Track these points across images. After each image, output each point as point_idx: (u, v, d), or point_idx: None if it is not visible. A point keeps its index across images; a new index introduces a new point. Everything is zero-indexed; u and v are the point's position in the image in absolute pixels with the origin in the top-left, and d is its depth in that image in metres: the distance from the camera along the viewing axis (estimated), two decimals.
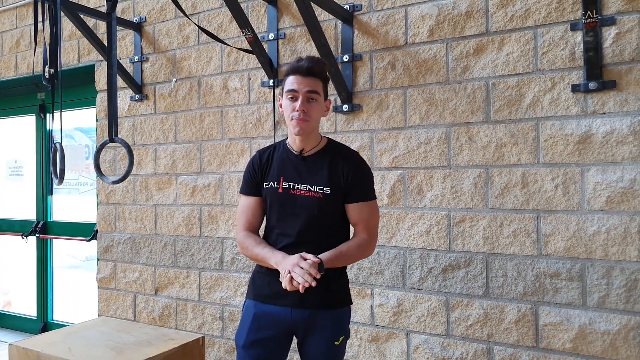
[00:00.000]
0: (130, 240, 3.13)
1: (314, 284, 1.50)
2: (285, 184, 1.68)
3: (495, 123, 2.09)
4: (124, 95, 3.16)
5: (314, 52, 2.49)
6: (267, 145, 1.93)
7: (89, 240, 3.45)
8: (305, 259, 1.55)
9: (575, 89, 1.93)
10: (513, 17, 2.05)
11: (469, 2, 2.13)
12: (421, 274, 2.23)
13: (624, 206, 1.86)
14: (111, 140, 2.07)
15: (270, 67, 2.56)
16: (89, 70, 3.34)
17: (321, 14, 2.48)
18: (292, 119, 1.64)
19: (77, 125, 3.77)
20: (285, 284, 1.54)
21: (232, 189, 2.76)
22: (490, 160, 2.10)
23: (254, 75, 2.70)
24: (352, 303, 1.75)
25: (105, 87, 3.22)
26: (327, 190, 1.65)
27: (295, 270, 1.53)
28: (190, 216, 2.91)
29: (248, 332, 1.69)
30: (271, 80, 2.60)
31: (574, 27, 1.93)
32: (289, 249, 1.65)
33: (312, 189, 1.65)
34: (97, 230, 3.31)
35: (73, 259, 3.89)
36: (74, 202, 3.82)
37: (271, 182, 1.72)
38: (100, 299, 3.27)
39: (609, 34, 1.88)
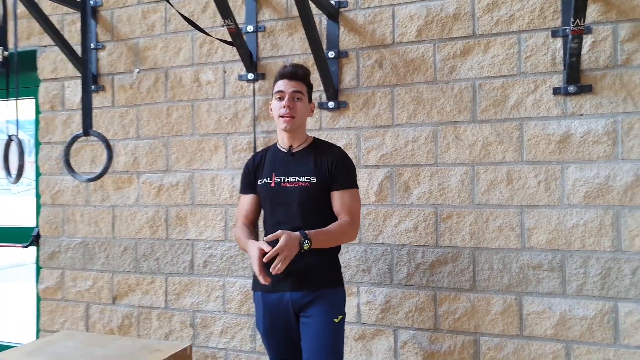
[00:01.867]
0: (82, 245, 2.87)
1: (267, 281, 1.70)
2: (276, 179, 1.88)
3: (481, 122, 2.18)
4: (75, 86, 2.89)
5: (297, 46, 2.45)
6: (258, 149, 2.01)
7: (27, 247, 3.11)
8: (260, 250, 1.70)
9: (556, 91, 2.07)
10: (498, 22, 2.16)
11: (457, 5, 2.21)
12: (409, 270, 2.27)
13: (599, 201, 2.02)
14: (86, 133, 1.88)
15: (250, 61, 2.48)
16: (29, 56, 3.01)
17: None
18: (280, 116, 1.86)
19: (10, 118, 3.38)
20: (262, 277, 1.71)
21: (205, 188, 2.62)
22: (476, 158, 2.18)
23: (229, 68, 2.59)
24: (343, 285, 1.90)
25: (52, 76, 2.93)
26: (313, 179, 1.83)
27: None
28: (155, 217, 2.72)
29: (263, 321, 1.87)
30: (250, 74, 2.51)
31: (554, 34, 2.07)
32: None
33: (300, 179, 1.84)
34: (37, 235, 2.99)
35: None
36: (5, 204, 3.43)
37: (264, 179, 1.91)
38: (43, 311, 2.95)
39: (585, 42, 2.04)
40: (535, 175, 2.10)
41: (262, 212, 1.97)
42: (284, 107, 1.84)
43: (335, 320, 1.80)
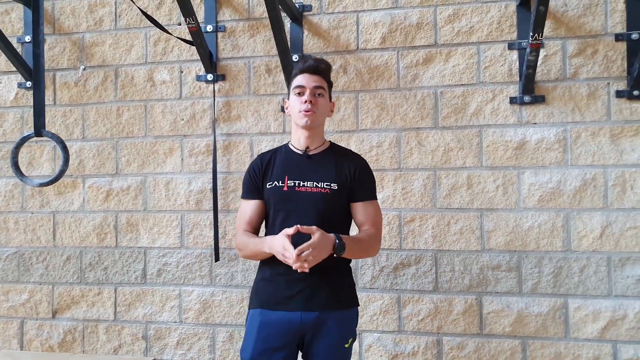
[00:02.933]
0: (17, 255, 2.62)
1: (306, 266, 1.46)
2: (290, 182, 1.64)
3: (443, 129, 2.25)
4: (9, 81, 2.65)
5: (259, 48, 2.41)
6: (267, 150, 1.91)
7: None
8: (288, 236, 1.50)
9: (512, 101, 2.19)
10: (459, 33, 2.24)
11: (420, 15, 2.27)
12: (373, 273, 2.29)
13: (551, 204, 2.16)
14: (37, 134, 1.73)
15: (210, 61, 2.39)
16: None
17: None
18: (299, 112, 1.64)
19: None
20: (295, 266, 1.48)
21: (159, 193, 2.49)
22: (438, 163, 2.25)
23: (186, 68, 2.49)
24: (359, 304, 1.72)
25: None
26: (334, 186, 1.63)
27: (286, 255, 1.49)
28: (103, 224, 2.54)
29: (255, 343, 1.59)
30: (209, 75, 2.42)
31: (511, 46, 2.19)
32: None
33: (319, 185, 1.63)
34: None
35: None
36: None
37: (275, 182, 1.66)
38: None
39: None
40: (494, 180, 2.20)
41: (268, 220, 1.71)
42: (305, 102, 1.62)
43: (346, 345, 1.62)
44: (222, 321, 2.42)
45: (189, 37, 2.34)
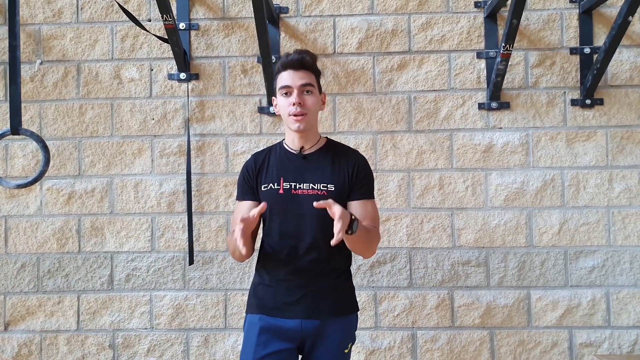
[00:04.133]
0: None
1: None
2: (286, 185, 1.60)
3: (416, 132, 2.35)
4: None
5: (235, 48, 2.39)
6: (262, 148, 1.78)
7: None
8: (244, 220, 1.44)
9: (480, 106, 2.33)
10: (432, 41, 2.35)
11: (395, 22, 2.36)
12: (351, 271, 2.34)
13: (516, 203, 2.32)
14: (14, 131, 1.61)
15: (184, 59, 2.33)
16: None
17: (242, 10, 2.39)
18: (289, 115, 1.58)
19: None
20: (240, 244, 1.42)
21: (127, 195, 2.39)
22: (412, 165, 2.35)
23: (157, 65, 2.41)
24: (359, 309, 1.74)
25: None
26: (331, 187, 1.59)
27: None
28: (64, 229, 2.40)
29: (255, 348, 1.56)
30: (182, 74, 2.36)
31: (479, 55, 2.33)
32: (294, 254, 1.59)
33: (316, 187, 1.58)
34: None
35: None
36: None
37: (270, 184, 1.62)
38: None
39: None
40: (464, 181, 2.33)
41: (264, 223, 1.67)
42: (294, 104, 1.54)
43: (346, 350, 1.63)
44: (197, 325, 2.36)
45: (160, 34, 2.28)
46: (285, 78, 1.58)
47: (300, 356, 1.65)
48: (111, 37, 2.42)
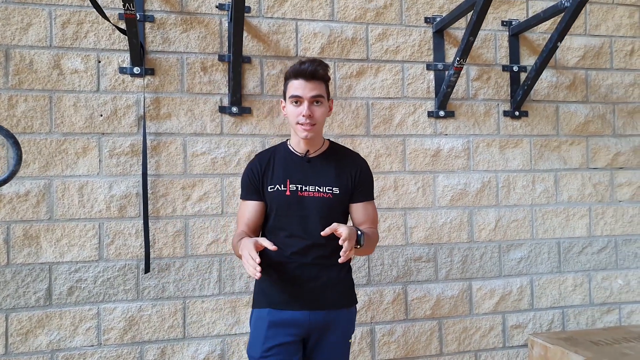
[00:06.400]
0: None
1: (257, 276, 1.40)
2: (292, 187, 1.65)
3: (374, 137, 2.47)
4: None
5: (193, 44, 2.30)
6: (266, 148, 1.86)
7: None
8: (259, 245, 1.48)
9: (430, 114, 2.53)
10: (387, 51, 2.49)
11: (354, 30, 2.45)
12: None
13: (459, 203, 2.56)
14: None
15: (141, 53, 2.18)
16: None
17: (202, 6, 2.30)
18: (297, 124, 1.63)
19: None
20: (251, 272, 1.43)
21: (69, 199, 2.15)
22: (370, 168, 2.45)
23: (106, 57, 2.21)
24: (357, 301, 1.81)
25: None
26: (336, 190, 1.67)
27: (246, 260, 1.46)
28: None
29: (264, 341, 1.62)
30: (136, 68, 2.20)
31: (428, 67, 2.53)
32: (300, 252, 1.65)
33: (321, 190, 1.66)
34: None
35: None
36: None
37: (277, 185, 1.67)
38: None
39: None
40: (415, 183, 2.51)
41: (267, 222, 1.71)
42: (303, 115, 1.59)
43: (350, 340, 1.74)
44: (152, 337, 2.21)
45: (108, 23, 2.11)
46: (297, 87, 1.61)
47: (302, 350, 1.69)
48: (49, 21, 2.16)
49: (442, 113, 2.52)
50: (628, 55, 2.79)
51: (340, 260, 1.45)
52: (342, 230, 1.46)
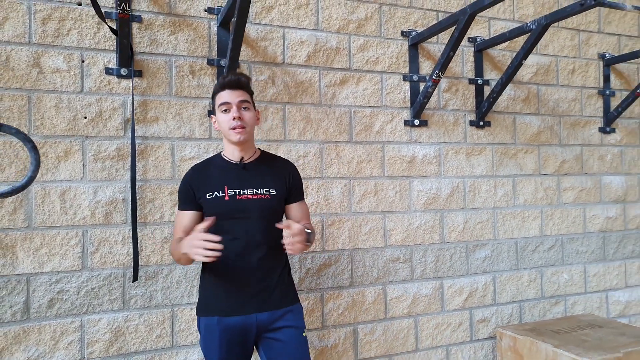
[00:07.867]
0: None
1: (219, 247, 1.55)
2: (230, 192, 1.76)
3: (356, 143, 2.57)
4: None
5: (182, 47, 2.28)
6: (201, 160, 1.88)
7: None
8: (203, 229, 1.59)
9: (406, 123, 2.68)
10: (368, 61, 2.61)
11: (338, 40, 2.54)
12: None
13: (432, 206, 2.73)
14: None
15: (130, 54, 2.11)
16: None
17: (191, 8, 2.28)
18: (230, 129, 1.76)
19: None
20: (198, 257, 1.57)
21: (50, 205, 2.04)
22: (352, 173, 2.56)
23: (90, 57, 2.11)
24: (299, 300, 1.93)
25: None
26: (273, 191, 1.81)
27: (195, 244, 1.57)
28: None
29: (220, 352, 1.73)
30: (124, 69, 2.13)
31: (405, 78, 2.68)
32: (241, 252, 1.75)
33: (259, 192, 1.78)
34: None
35: None
36: None
37: (215, 192, 1.77)
38: None
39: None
40: (393, 188, 2.64)
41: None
42: (234, 118, 1.75)
43: (304, 334, 1.84)
44: (140, 348, 2.14)
45: (92, 21, 2.03)
46: (224, 96, 1.77)
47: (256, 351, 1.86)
48: (28, 16, 2.03)
49: (417, 122, 2.68)
50: (570, 74, 3.13)
51: (287, 249, 1.62)
52: (294, 227, 1.62)
